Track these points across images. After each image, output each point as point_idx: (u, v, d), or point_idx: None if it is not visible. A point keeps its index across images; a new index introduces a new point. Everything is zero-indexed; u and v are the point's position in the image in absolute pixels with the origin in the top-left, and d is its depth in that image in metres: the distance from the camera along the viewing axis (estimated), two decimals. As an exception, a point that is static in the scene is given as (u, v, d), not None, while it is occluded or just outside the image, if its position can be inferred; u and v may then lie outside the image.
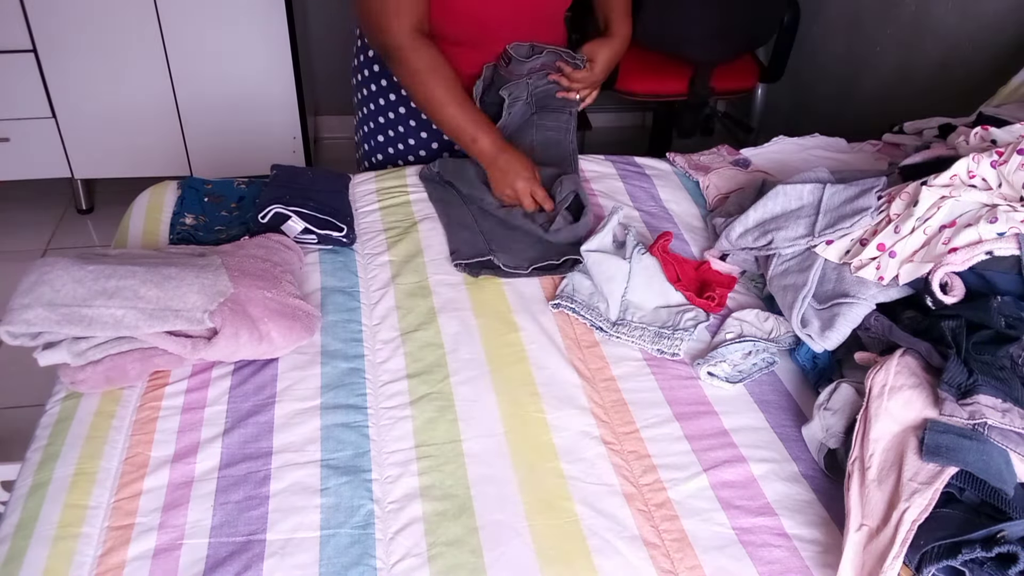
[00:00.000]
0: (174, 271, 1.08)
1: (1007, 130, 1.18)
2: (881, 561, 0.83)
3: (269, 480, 0.97)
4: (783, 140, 1.65)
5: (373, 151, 1.68)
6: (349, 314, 1.22)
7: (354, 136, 1.74)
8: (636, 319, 1.21)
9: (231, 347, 1.07)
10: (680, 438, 1.05)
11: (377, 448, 1.02)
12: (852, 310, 1.10)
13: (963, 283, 1.03)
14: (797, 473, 1.01)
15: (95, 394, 1.06)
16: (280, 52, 2.47)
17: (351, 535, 0.91)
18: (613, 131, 3.32)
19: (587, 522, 0.94)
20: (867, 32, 2.31)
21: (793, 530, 0.94)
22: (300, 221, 1.32)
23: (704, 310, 1.23)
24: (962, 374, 0.96)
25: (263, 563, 0.88)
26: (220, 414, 1.05)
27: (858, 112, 2.38)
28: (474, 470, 0.99)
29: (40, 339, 1.03)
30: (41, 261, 1.06)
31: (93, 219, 2.69)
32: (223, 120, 2.57)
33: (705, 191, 1.53)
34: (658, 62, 2.41)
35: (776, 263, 1.22)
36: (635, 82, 2.42)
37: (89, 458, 0.98)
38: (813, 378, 1.14)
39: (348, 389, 1.09)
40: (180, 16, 2.36)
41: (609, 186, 1.54)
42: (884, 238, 1.11)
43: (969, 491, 0.88)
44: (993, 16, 1.85)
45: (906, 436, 0.94)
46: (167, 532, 0.91)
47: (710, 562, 0.90)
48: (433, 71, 1.37)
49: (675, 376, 1.14)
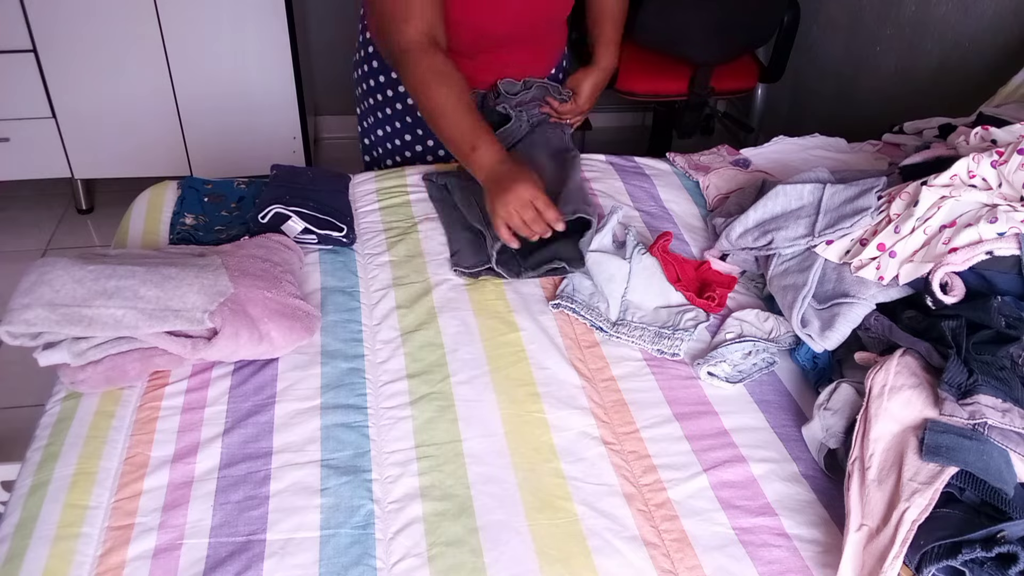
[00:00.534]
0: (174, 271, 1.08)
1: (1007, 130, 1.18)
2: (881, 561, 0.83)
3: (269, 480, 0.97)
4: (783, 140, 1.65)
5: (374, 145, 1.69)
6: (349, 314, 1.22)
7: (357, 131, 1.74)
8: (636, 319, 1.21)
9: (231, 347, 1.07)
10: (680, 438, 1.05)
11: (377, 448, 1.02)
12: (852, 310, 1.10)
13: (963, 283, 1.03)
14: (797, 473, 1.01)
15: (95, 394, 1.06)
16: (280, 52, 2.47)
17: (351, 535, 0.91)
18: (613, 131, 3.32)
19: (587, 522, 0.94)
20: (867, 32, 2.31)
21: (793, 530, 0.94)
22: (300, 221, 1.32)
23: (704, 310, 1.23)
24: (962, 374, 0.96)
25: (263, 563, 0.88)
26: (220, 414, 1.05)
27: (858, 112, 2.38)
28: (474, 470, 0.99)
29: (40, 339, 1.03)
30: (41, 261, 1.06)
31: (93, 219, 2.69)
32: (223, 120, 2.57)
33: (705, 191, 1.53)
34: (658, 62, 2.41)
35: (776, 263, 1.22)
36: (635, 82, 2.42)
37: (89, 458, 0.98)
38: (813, 378, 1.14)
39: (348, 389, 1.09)
40: (180, 16, 2.36)
41: (609, 186, 1.54)
42: (884, 238, 1.11)
43: (969, 491, 0.88)
44: (993, 16, 1.85)
45: (906, 436, 0.94)
46: (167, 532, 0.91)
47: (710, 562, 0.90)
48: (439, 77, 1.30)
49: (675, 376, 1.14)
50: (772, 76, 2.49)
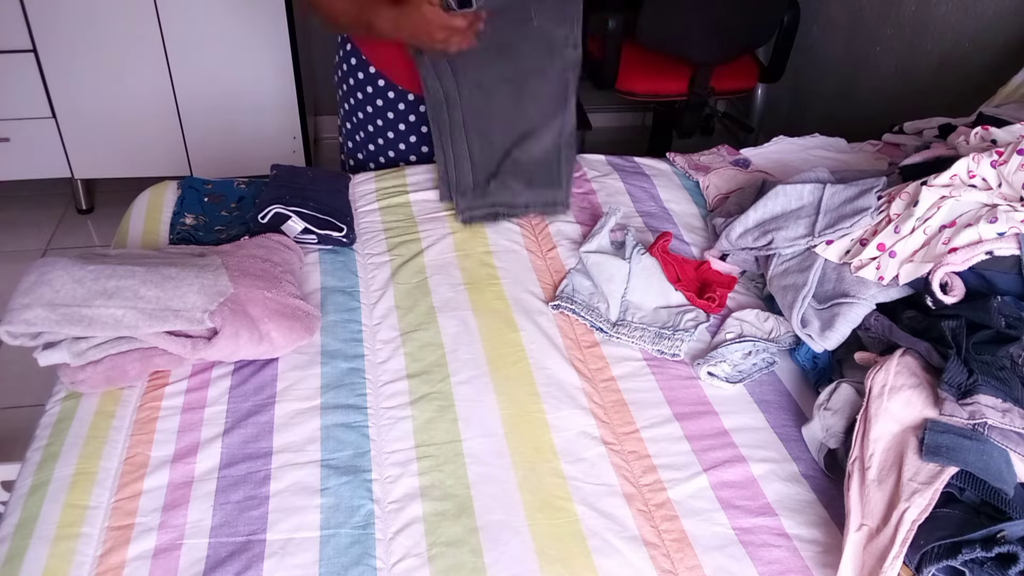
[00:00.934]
0: (174, 271, 1.08)
1: (1007, 130, 1.18)
2: (881, 561, 0.83)
3: (269, 480, 0.97)
4: (783, 140, 1.65)
5: (358, 147, 1.66)
6: (349, 314, 1.22)
7: (338, 135, 1.71)
8: (636, 319, 1.21)
9: (231, 347, 1.07)
10: (680, 438, 1.05)
11: (377, 448, 1.02)
12: (852, 310, 1.10)
13: (963, 283, 1.03)
14: (797, 473, 1.01)
15: (95, 394, 1.06)
16: (280, 52, 2.47)
17: (351, 535, 0.91)
18: (613, 131, 3.31)
19: (587, 522, 0.94)
20: (867, 32, 2.30)
21: (793, 530, 0.94)
22: (300, 221, 1.32)
23: (704, 311, 1.23)
24: (962, 374, 0.96)
25: (263, 563, 0.88)
26: (220, 414, 1.05)
27: (858, 112, 2.38)
28: (474, 470, 0.99)
29: (40, 339, 1.03)
30: (41, 261, 1.06)
31: (93, 219, 2.69)
32: (223, 120, 2.56)
33: (705, 191, 1.53)
34: (658, 62, 2.41)
35: (776, 263, 1.22)
36: (635, 82, 2.42)
37: (89, 458, 0.98)
38: (813, 378, 1.14)
39: (348, 389, 1.09)
40: (180, 16, 2.36)
41: (609, 186, 1.54)
42: (884, 238, 1.11)
43: (969, 491, 0.88)
44: (993, 16, 1.85)
45: (906, 436, 0.94)
46: (167, 532, 0.91)
47: (710, 562, 0.90)
48: None
49: (675, 376, 1.14)
50: (772, 76, 2.49)
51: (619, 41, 2.28)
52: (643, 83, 2.44)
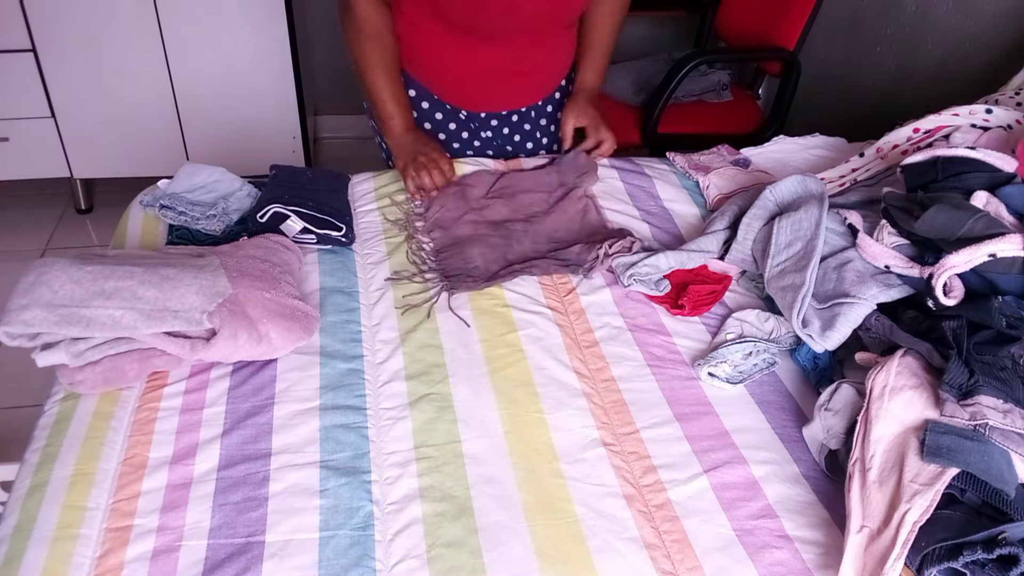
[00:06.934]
0: (172, 272, 1.08)
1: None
2: (882, 563, 0.83)
3: (268, 481, 0.96)
4: (783, 140, 1.65)
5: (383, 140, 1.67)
6: (348, 314, 1.22)
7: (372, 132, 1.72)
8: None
9: (230, 348, 1.07)
10: (680, 439, 1.04)
11: (376, 449, 1.02)
12: (853, 310, 1.10)
13: (964, 283, 1.03)
14: (798, 474, 1.01)
15: (93, 395, 1.06)
16: (280, 52, 2.47)
17: (350, 536, 0.91)
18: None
19: (587, 523, 0.93)
20: (867, 32, 2.30)
21: (794, 531, 0.94)
22: (299, 220, 1.31)
23: (669, 311, 1.24)
24: (963, 375, 0.96)
25: (262, 565, 0.87)
26: (219, 415, 1.04)
27: (858, 112, 2.38)
28: (474, 471, 0.99)
29: (38, 340, 1.02)
30: (40, 262, 1.06)
31: (92, 219, 2.69)
32: (222, 120, 2.56)
33: (705, 191, 1.53)
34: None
35: (771, 265, 1.21)
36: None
37: (87, 459, 0.98)
38: (814, 378, 1.14)
39: (347, 390, 1.09)
40: (180, 16, 2.36)
41: (609, 186, 1.54)
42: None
43: (970, 492, 0.88)
44: (993, 16, 1.85)
45: (907, 437, 0.94)
46: (166, 534, 0.90)
47: (710, 563, 0.90)
48: (373, 36, 1.44)
49: (675, 377, 1.14)
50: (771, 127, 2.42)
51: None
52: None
